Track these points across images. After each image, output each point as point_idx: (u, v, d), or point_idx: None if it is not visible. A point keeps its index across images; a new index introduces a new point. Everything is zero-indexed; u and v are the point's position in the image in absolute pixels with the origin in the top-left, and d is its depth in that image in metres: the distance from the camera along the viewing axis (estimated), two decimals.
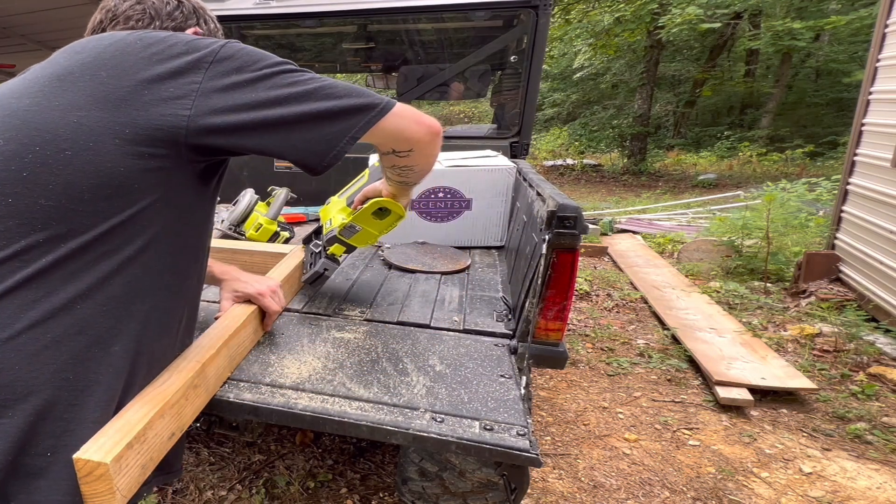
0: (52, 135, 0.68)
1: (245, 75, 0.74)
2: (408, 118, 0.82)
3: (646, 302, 3.54)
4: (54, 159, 0.68)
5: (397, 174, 1.04)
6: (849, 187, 3.47)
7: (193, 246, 0.85)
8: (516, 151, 2.52)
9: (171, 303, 0.83)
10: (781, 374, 2.44)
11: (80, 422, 0.68)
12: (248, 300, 1.17)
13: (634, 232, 5.57)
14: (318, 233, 1.47)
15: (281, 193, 2.03)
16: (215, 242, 1.68)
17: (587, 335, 3.08)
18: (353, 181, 1.44)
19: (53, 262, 0.67)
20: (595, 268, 4.39)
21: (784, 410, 2.30)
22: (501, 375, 1.09)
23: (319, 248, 1.43)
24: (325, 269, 1.41)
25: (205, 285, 1.00)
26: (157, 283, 0.77)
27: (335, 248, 1.39)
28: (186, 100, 0.71)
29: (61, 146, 0.68)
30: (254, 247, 1.65)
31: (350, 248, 1.39)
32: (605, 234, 5.45)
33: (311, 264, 1.46)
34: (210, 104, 0.71)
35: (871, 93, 3.31)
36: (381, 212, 1.25)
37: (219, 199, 0.96)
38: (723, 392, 2.33)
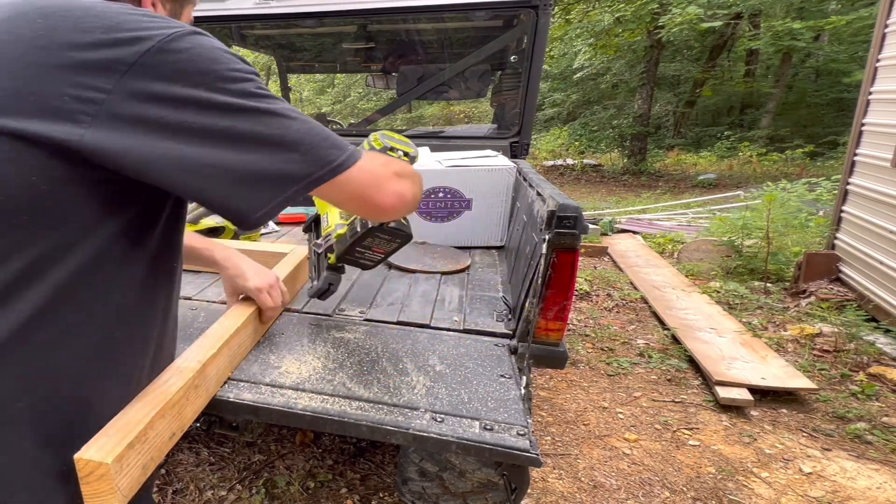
0: None
1: (173, 87, 0.55)
2: (357, 189, 0.67)
3: (646, 302, 3.54)
4: None
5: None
6: (849, 187, 3.47)
7: (138, 284, 0.67)
8: (516, 151, 2.53)
9: (105, 348, 0.65)
10: (781, 374, 2.44)
11: None
12: (248, 297, 1.16)
13: (634, 232, 5.57)
14: (317, 223, 1.31)
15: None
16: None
17: (587, 335, 3.08)
18: None
19: None
20: (595, 268, 4.39)
21: (784, 410, 2.30)
22: (501, 375, 1.09)
23: (322, 250, 1.23)
24: (331, 284, 1.24)
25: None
26: (81, 327, 0.61)
27: (335, 258, 1.19)
28: (86, 117, 0.53)
29: None
30: (254, 246, 1.65)
31: (357, 266, 1.16)
32: (605, 234, 5.45)
33: (314, 267, 1.29)
34: (115, 112, 0.53)
35: (871, 93, 3.31)
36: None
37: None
38: (723, 392, 2.33)
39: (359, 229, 1.06)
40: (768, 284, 3.74)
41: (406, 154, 1.08)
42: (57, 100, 0.53)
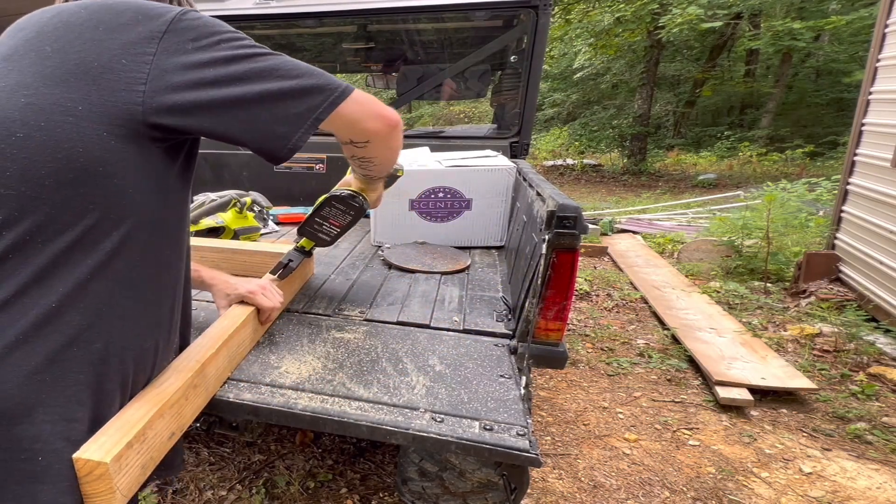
0: (1, 118, 0.64)
1: (202, 50, 0.69)
2: (366, 106, 0.78)
3: (646, 302, 3.53)
4: (6, 143, 0.63)
5: (358, 166, 1.02)
6: (849, 187, 3.47)
7: (174, 235, 0.80)
8: (516, 151, 2.52)
9: (155, 298, 0.78)
10: (781, 374, 2.44)
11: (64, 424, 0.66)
12: (242, 301, 1.17)
13: (634, 232, 5.57)
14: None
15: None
16: (215, 243, 1.68)
17: (587, 335, 3.07)
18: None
19: (24, 260, 0.63)
20: (595, 268, 4.39)
21: (784, 410, 2.30)
22: (501, 375, 1.09)
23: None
24: (290, 260, 1.38)
25: (196, 290, 0.97)
26: (139, 277, 0.73)
27: (304, 241, 1.40)
28: (140, 75, 0.66)
29: (12, 129, 0.63)
30: (254, 247, 1.65)
31: (316, 242, 1.36)
32: (605, 234, 5.45)
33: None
34: (166, 80, 0.67)
35: (871, 93, 3.31)
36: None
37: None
38: (723, 392, 2.33)
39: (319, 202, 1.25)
40: (768, 284, 3.74)
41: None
42: (118, 64, 0.66)
